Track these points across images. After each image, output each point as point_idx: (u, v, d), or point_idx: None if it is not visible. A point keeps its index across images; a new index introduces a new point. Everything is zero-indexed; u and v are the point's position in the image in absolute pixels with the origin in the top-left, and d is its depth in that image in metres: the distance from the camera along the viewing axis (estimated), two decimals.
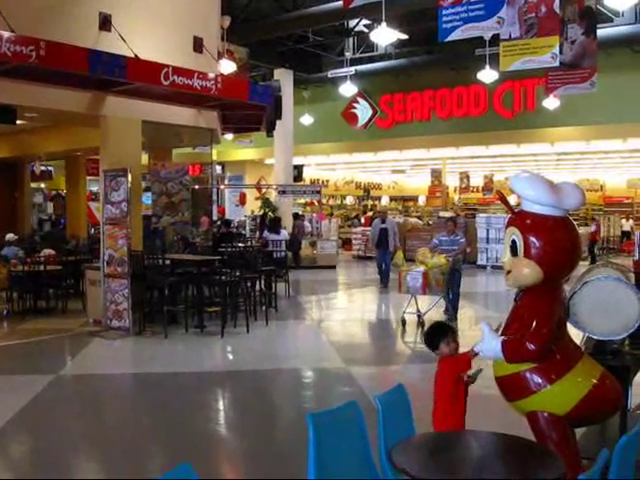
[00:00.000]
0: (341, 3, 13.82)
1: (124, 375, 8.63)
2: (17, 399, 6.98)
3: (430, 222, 25.74)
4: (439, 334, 4.38)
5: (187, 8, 13.11)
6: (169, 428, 6.39)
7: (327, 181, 34.68)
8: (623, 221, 28.36)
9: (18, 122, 12.09)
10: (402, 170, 36.24)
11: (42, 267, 12.30)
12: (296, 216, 21.32)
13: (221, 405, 7.67)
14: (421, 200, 36.72)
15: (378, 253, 17.05)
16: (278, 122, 15.64)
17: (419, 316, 11.20)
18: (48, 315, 12.18)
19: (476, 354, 4.07)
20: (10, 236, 13.95)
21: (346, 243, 26.77)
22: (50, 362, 8.85)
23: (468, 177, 31.58)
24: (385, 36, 14.93)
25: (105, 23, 11.37)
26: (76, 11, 11.22)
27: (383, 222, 16.73)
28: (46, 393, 7.34)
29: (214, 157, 22.12)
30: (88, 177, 21.04)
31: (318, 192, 22.59)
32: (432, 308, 11.26)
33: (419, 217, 29.53)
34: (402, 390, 4.11)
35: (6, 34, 9.19)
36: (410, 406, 4.10)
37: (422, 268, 10.96)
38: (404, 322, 11.21)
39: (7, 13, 9.70)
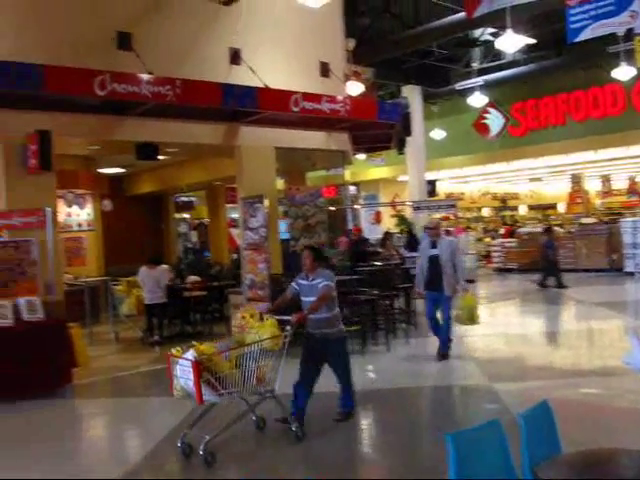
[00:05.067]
0: (464, 14, 13.71)
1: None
2: (170, 419, 7.32)
3: (572, 230, 24.82)
4: None
5: (312, 35, 13.44)
6: (309, 446, 6.51)
7: (462, 194, 34.24)
8: None
9: (160, 157, 12.71)
10: (538, 178, 35.26)
11: (189, 293, 12.88)
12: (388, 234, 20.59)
13: (363, 424, 7.71)
14: (560, 207, 35.52)
15: (427, 298, 10.24)
16: (409, 138, 15.65)
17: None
18: (195, 339, 12.62)
19: None
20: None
21: (487, 257, 26.28)
22: None
23: (609, 180, 30.28)
24: (511, 43, 14.67)
25: (235, 57, 11.87)
26: (207, 49, 11.78)
27: (434, 246, 10.01)
28: (196, 412, 7.61)
29: (348, 177, 22.40)
30: (228, 205, 21.80)
31: (453, 206, 22.33)
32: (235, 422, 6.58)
33: (560, 225, 28.56)
34: (546, 407, 3.99)
35: (145, 76, 9.81)
36: (555, 423, 3.97)
37: (192, 353, 6.05)
38: (186, 451, 6.23)
39: (144, 57, 10.33)
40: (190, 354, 6.00)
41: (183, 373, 6.00)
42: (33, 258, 9.67)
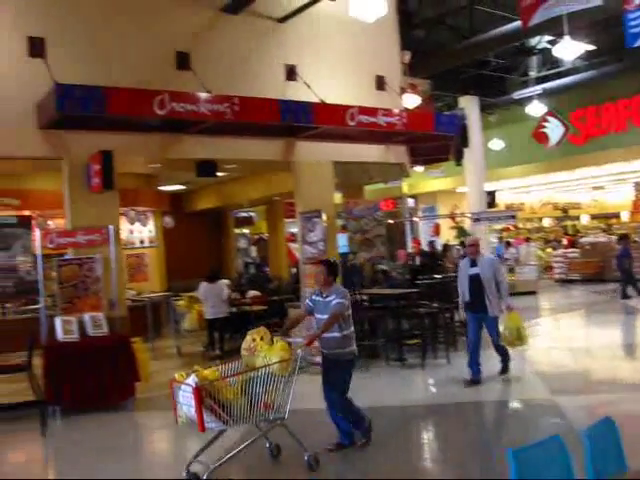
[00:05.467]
0: (519, 23, 13.55)
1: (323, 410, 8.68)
2: (230, 432, 7.35)
3: (637, 239, 24.20)
4: None
5: (368, 49, 13.47)
6: (375, 461, 6.48)
7: (522, 204, 33.77)
8: None
9: (219, 174, 12.88)
10: (601, 186, 34.54)
11: (250, 308, 13.06)
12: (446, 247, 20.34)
13: (425, 438, 7.66)
14: (624, 216, 34.70)
15: (469, 320, 9.78)
16: (467, 149, 15.53)
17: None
18: None
19: None
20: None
21: (548, 268, 25.85)
22: None
23: None
24: (570, 50, 14.41)
25: (291, 73, 11.99)
26: (263, 66, 11.93)
27: (474, 264, 9.53)
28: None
29: (406, 190, 22.32)
30: (286, 219, 21.96)
31: (513, 217, 22.04)
32: (242, 450, 6.19)
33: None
34: (611, 422, 3.88)
35: (203, 95, 9.98)
36: (620, 439, 3.85)
37: (193, 378, 5.72)
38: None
39: (202, 76, 10.53)
40: (192, 379, 5.69)
41: (185, 399, 5.71)
42: (97, 275, 9.91)
